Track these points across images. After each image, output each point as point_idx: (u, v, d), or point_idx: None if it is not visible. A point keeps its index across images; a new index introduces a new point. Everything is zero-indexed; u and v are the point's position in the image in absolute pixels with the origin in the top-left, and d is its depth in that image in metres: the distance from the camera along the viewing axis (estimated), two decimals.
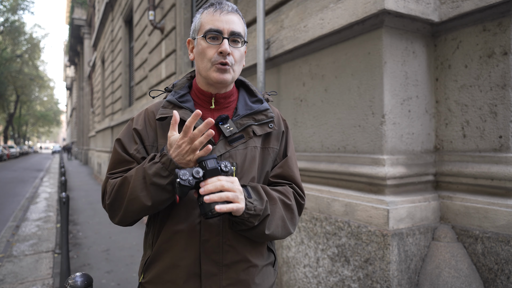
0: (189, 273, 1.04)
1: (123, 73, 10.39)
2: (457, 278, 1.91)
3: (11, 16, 33.97)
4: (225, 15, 1.08)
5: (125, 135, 1.14)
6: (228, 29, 1.06)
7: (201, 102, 1.15)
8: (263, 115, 1.14)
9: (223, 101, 1.15)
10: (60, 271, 3.33)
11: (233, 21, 1.08)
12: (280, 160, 1.19)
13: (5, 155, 28.75)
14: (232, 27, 1.07)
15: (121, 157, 1.10)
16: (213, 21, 1.07)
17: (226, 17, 1.07)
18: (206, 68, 1.08)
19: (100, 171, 13.34)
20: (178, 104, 1.11)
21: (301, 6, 2.80)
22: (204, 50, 1.08)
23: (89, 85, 22.41)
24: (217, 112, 1.14)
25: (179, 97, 1.13)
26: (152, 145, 1.11)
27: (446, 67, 2.21)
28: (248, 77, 3.50)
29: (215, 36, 1.06)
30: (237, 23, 1.09)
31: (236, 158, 1.08)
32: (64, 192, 4.53)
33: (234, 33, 1.07)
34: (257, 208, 0.99)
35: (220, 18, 1.07)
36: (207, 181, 0.92)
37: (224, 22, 1.07)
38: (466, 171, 2.05)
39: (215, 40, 1.07)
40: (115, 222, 1.08)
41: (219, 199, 0.91)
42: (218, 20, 1.07)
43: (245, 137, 1.11)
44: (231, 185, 0.93)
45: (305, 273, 2.52)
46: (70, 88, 44.23)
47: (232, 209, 0.92)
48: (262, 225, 1.03)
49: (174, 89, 1.17)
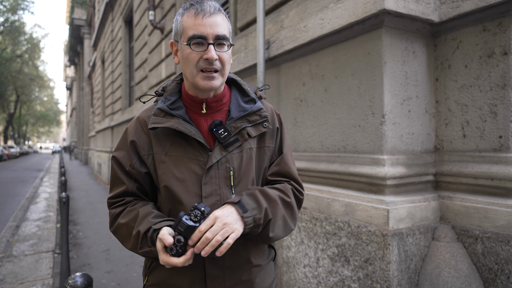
0: (194, 277, 1.06)
1: (123, 73, 10.39)
2: (457, 278, 1.91)
3: (11, 16, 33.96)
4: (208, 17, 1.02)
5: (120, 150, 1.14)
6: (213, 33, 1.02)
7: (192, 108, 1.12)
8: (256, 116, 1.12)
9: (215, 104, 1.13)
10: (60, 271, 3.33)
11: (217, 24, 1.03)
12: (276, 157, 1.18)
13: (5, 155, 28.74)
14: (217, 30, 1.02)
15: (118, 177, 1.13)
16: (196, 25, 1.02)
17: (210, 20, 1.02)
18: (193, 75, 1.05)
19: (100, 171, 13.34)
20: (170, 112, 1.08)
21: (301, 6, 2.80)
22: (189, 57, 1.03)
23: (89, 85, 22.41)
24: (210, 116, 1.12)
25: (170, 104, 1.10)
26: (148, 154, 1.10)
27: (446, 67, 2.21)
28: (248, 77, 3.50)
29: (199, 42, 1.02)
30: (221, 24, 1.04)
31: (233, 163, 1.08)
32: (64, 192, 4.53)
33: (219, 37, 1.03)
34: (256, 218, 1.00)
35: (203, 22, 1.01)
36: (190, 239, 0.93)
37: (207, 26, 1.01)
38: (466, 171, 2.05)
39: (200, 46, 1.02)
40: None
41: (213, 247, 0.92)
42: (201, 25, 1.01)
43: (240, 140, 1.10)
44: (214, 228, 0.93)
45: (305, 273, 2.52)
46: (70, 88, 44.23)
47: (230, 243, 0.93)
48: (266, 230, 1.04)
49: (165, 94, 1.14)
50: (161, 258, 0.94)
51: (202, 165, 1.07)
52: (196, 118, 1.12)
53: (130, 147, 1.11)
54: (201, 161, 1.07)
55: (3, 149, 29.15)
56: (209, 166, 1.06)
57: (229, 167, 1.07)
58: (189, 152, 1.07)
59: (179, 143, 1.08)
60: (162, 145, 1.09)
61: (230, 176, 1.07)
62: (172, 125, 1.05)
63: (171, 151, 1.08)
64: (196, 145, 1.08)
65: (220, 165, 1.07)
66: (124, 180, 1.12)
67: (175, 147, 1.08)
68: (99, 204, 7.85)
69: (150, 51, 7.14)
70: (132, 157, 1.11)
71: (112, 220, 1.12)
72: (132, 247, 1.06)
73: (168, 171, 1.06)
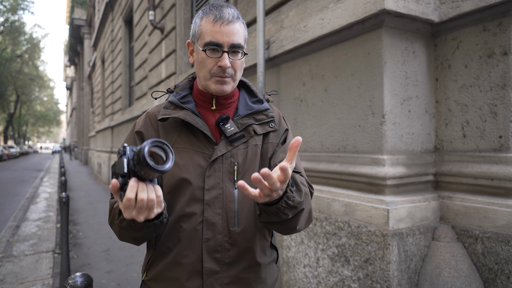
0: (191, 271, 1.05)
1: (123, 73, 10.39)
2: (457, 278, 1.91)
3: (11, 16, 33.96)
4: (226, 26, 1.04)
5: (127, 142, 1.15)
6: (228, 41, 1.04)
7: (202, 103, 1.16)
8: (263, 115, 1.15)
9: (224, 101, 1.16)
10: (60, 271, 3.33)
11: (234, 32, 1.05)
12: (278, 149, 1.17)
13: (5, 155, 28.74)
14: (233, 39, 1.05)
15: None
16: (213, 32, 1.04)
17: (227, 29, 1.04)
18: (206, 78, 1.09)
19: (100, 171, 13.34)
20: (180, 105, 1.11)
21: (301, 6, 2.80)
22: (204, 61, 1.07)
23: (89, 85, 22.41)
24: (218, 113, 1.15)
25: (181, 98, 1.14)
26: None
27: (446, 67, 2.21)
28: (248, 77, 3.50)
29: (215, 48, 1.05)
30: (238, 33, 1.06)
31: (238, 157, 1.09)
32: (64, 192, 4.53)
33: (235, 45, 1.05)
34: (295, 200, 0.94)
35: (220, 30, 1.04)
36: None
37: (224, 34, 1.04)
38: (466, 171, 2.05)
39: (215, 52, 1.05)
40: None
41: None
42: (218, 32, 1.04)
43: (246, 136, 1.11)
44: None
45: (305, 273, 2.52)
46: (70, 88, 44.23)
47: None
48: (295, 220, 0.99)
49: (176, 90, 1.18)
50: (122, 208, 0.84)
51: (207, 158, 1.08)
52: (204, 113, 1.15)
53: (137, 137, 1.13)
54: (206, 154, 1.08)
55: (3, 149, 29.15)
56: (213, 159, 1.07)
57: (233, 161, 1.08)
58: (195, 144, 1.09)
59: (186, 135, 1.10)
60: (169, 137, 1.11)
61: (234, 171, 1.08)
62: (181, 116, 1.08)
63: (177, 143, 1.09)
64: (202, 138, 1.09)
65: (224, 159, 1.08)
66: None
67: (182, 139, 1.10)
68: (99, 204, 7.85)
69: (150, 51, 7.15)
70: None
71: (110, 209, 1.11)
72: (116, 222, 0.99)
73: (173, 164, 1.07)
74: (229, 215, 1.06)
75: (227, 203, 1.06)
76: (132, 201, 0.81)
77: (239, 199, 1.07)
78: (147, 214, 0.85)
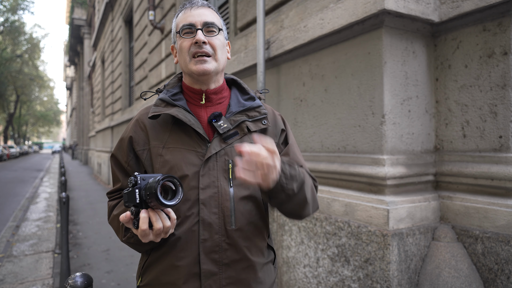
0: (188, 273, 1.02)
1: (123, 73, 10.39)
2: (457, 278, 1.91)
3: (11, 16, 33.96)
4: (196, 9, 1.11)
5: (118, 148, 1.16)
6: (200, 21, 1.10)
7: (192, 100, 1.15)
8: (256, 112, 1.14)
9: (214, 96, 1.14)
10: (60, 271, 3.33)
11: (205, 14, 1.11)
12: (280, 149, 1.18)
13: (5, 155, 28.74)
14: (204, 18, 1.10)
15: (115, 174, 1.16)
16: (185, 17, 1.11)
17: (198, 11, 1.11)
18: (186, 62, 1.10)
19: (100, 171, 13.34)
20: (171, 102, 1.10)
21: (301, 6, 2.80)
22: (182, 46, 1.11)
23: (89, 85, 22.41)
24: (210, 109, 1.14)
25: (172, 95, 1.13)
26: (143, 149, 1.10)
27: (446, 67, 2.21)
28: (248, 77, 3.50)
29: (188, 30, 1.10)
30: (209, 15, 1.12)
31: (232, 155, 1.07)
32: (64, 192, 4.53)
33: (207, 23, 1.10)
34: (291, 172, 0.99)
35: (191, 13, 1.11)
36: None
37: (195, 15, 1.10)
38: (466, 171, 2.05)
39: (190, 33, 1.10)
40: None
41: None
42: (189, 16, 1.11)
43: (239, 134, 1.09)
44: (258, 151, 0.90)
45: (305, 273, 2.52)
46: (70, 88, 44.22)
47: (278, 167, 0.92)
48: (302, 192, 1.03)
49: (166, 88, 1.18)
50: (138, 235, 0.92)
51: (201, 157, 1.06)
52: (196, 110, 1.13)
53: (127, 142, 1.13)
54: (200, 152, 1.06)
55: (3, 149, 29.15)
56: (207, 158, 1.05)
57: (228, 159, 1.06)
58: (187, 143, 1.07)
59: (178, 134, 1.08)
60: (160, 137, 1.09)
61: (229, 169, 1.06)
62: (172, 112, 1.07)
63: (169, 143, 1.08)
64: (194, 136, 1.08)
65: (219, 157, 1.06)
66: (120, 178, 1.14)
67: (173, 138, 1.08)
68: (99, 204, 7.85)
69: (150, 51, 7.14)
70: (128, 154, 1.12)
71: (108, 212, 1.15)
72: (122, 238, 1.06)
73: (166, 164, 1.06)
74: (226, 214, 1.04)
75: (223, 202, 1.04)
76: (147, 231, 0.89)
77: (235, 197, 1.05)
78: (164, 236, 0.94)
